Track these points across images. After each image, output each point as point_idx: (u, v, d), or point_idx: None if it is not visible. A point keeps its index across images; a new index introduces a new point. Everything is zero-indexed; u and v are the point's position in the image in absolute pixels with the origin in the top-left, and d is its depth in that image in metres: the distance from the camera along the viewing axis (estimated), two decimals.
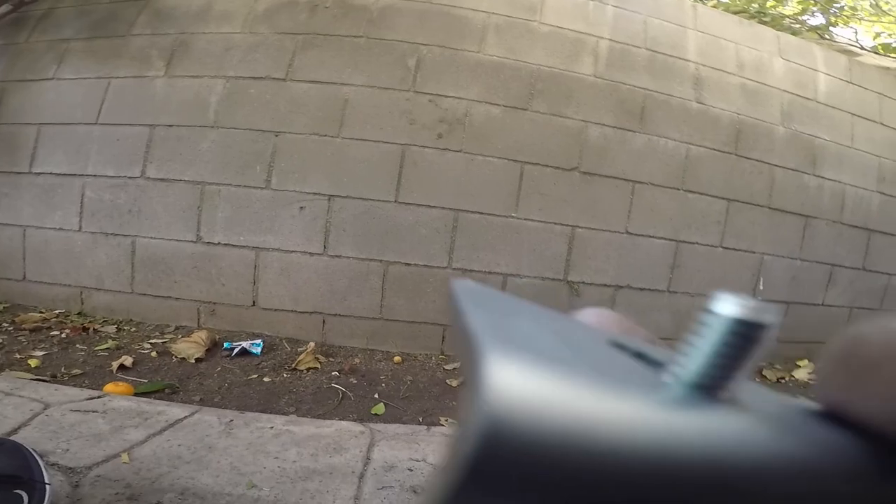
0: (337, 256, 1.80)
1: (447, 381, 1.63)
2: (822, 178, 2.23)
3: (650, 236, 1.99)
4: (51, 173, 1.86)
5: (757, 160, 2.13)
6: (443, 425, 1.28)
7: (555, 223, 1.89)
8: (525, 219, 1.87)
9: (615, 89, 1.95)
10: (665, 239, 2.01)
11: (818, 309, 2.36)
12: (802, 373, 2.18)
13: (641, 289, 2.00)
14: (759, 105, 2.14)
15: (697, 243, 2.06)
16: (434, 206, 1.82)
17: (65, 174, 1.85)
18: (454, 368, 1.74)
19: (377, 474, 0.93)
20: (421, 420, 1.33)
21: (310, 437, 1.05)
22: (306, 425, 1.12)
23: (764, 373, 2.08)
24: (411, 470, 0.95)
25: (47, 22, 2.02)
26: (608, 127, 1.93)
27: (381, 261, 1.81)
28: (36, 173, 1.87)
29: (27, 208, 1.88)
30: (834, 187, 2.25)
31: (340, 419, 1.24)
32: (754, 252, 2.18)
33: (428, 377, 1.65)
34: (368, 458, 0.99)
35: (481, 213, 1.84)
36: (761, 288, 2.22)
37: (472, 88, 1.84)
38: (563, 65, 1.93)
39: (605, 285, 1.95)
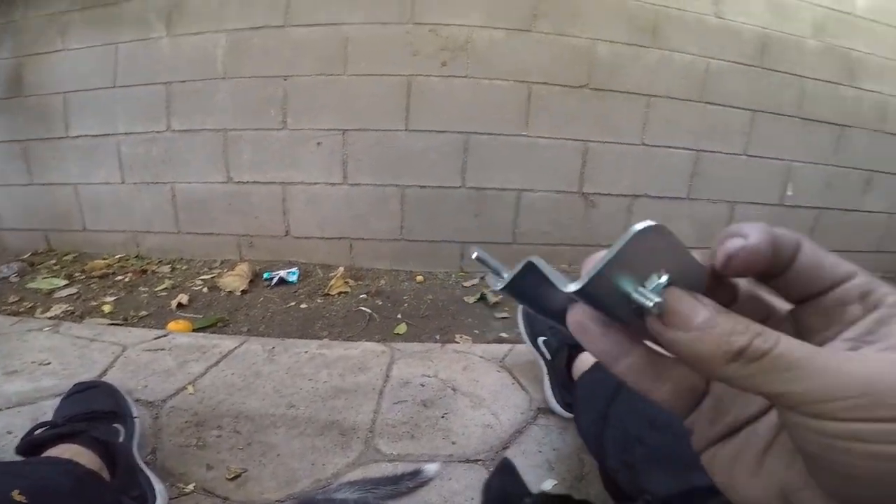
0: (356, 184, 1.92)
1: (464, 298, 1.77)
2: (861, 89, 2.12)
3: (668, 147, 1.97)
4: (87, 135, 2.02)
5: (785, 72, 2.03)
6: (457, 342, 1.42)
7: (566, 139, 1.90)
8: (536, 136, 1.89)
9: (622, 5, 1.85)
10: (684, 149, 1.99)
11: (854, 214, 2.30)
12: None
13: (660, 197, 2.02)
14: (787, 19, 2.00)
15: (720, 152, 2.03)
16: (443, 132, 1.87)
17: (99, 135, 2.00)
18: (472, 285, 1.88)
19: (394, 390, 1.10)
20: (437, 338, 1.47)
21: (339, 359, 1.22)
22: (336, 348, 1.29)
23: None
24: (423, 385, 1.12)
25: None
26: (619, 44, 1.86)
27: (397, 185, 1.92)
28: (73, 137, 2.03)
29: (73, 168, 2.07)
30: (874, 98, 2.14)
31: (367, 340, 1.39)
32: (782, 159, 2.12)
33: (447, 295, 1.80)
34: (388, 376, 1.15)
35: (491, 134, 1.88)
36: (789, 193, 2.17)
37: (473, 15, 1.79)
38: None
39: (622, 195, 1.99)
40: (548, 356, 1.07)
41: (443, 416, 1.01)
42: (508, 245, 1.99)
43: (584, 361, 0.93)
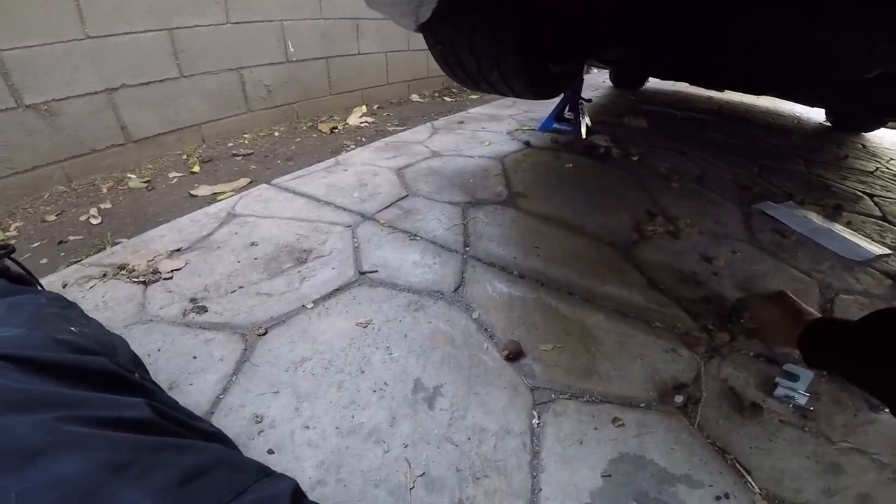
0: None
1: None
2: None
3: (125, 34, 1.66)
4: None
5: None
6: None
7: None
8: None
9: None
10: (152, 31, 1.72)
11: (356, 58, 2.52)
12: (354, 118, 2.49)
13: (146, 83, 1.81)
14: None
15: (198, 25, 1.83)
16: None
17: None
18: None
19: None
20: None
21: None
22: None
23: (319, 126, 2.30)
24: None
25: None
26: None
27: None
28: None
29: None
30: None
31: None
32: (272, 20, 2.05)
33: None
34: None
35: None
36: (292, 50, 2.21)
37: None
38: None
39: (92, 93, 1.69)
40: None
41: None
42: None
43: None
